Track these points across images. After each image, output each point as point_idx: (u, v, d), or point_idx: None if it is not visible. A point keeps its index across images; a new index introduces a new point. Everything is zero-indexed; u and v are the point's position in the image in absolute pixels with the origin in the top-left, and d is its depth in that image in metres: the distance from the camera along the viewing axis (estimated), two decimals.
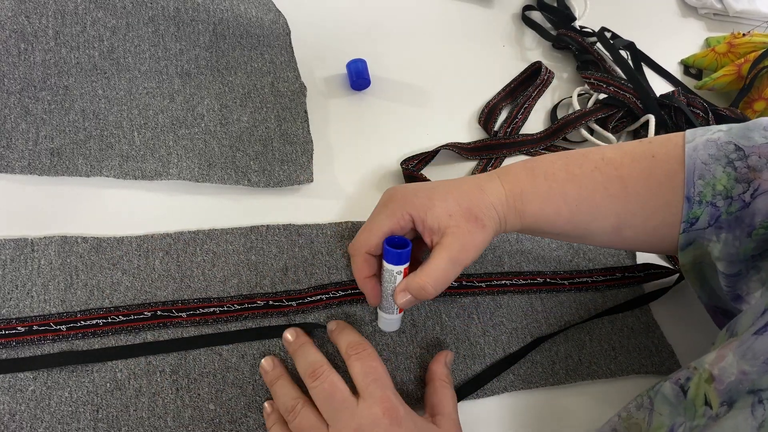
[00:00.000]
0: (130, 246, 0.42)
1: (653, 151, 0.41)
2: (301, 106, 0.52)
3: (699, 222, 0.40)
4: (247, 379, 0.40)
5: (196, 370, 0.40)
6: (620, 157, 0.42)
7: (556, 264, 0.52)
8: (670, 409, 0.35)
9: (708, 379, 0.32)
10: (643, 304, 0.51)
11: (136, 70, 0.49)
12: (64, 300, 0.39)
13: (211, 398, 0.39)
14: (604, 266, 0.53)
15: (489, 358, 0.45)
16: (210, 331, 0.41)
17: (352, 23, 0.61)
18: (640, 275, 0.53)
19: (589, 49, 0.66)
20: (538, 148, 0.59)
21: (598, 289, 0.52)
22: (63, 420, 0.36)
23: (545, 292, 0.50)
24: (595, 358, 0.48)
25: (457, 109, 0.60)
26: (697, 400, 0.33)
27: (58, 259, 0.40)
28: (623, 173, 0.41)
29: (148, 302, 0.41)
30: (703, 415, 0.32)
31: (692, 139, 0.41)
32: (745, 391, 0.30)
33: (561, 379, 0.46)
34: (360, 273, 0.42)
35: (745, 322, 0.34)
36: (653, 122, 0.59)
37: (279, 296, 0.43)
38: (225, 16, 0.52)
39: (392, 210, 0.40)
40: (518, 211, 0.41)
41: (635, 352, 0.49)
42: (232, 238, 0.45)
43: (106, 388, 0.38)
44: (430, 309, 0.46)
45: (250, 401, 0.39)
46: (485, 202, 0.40)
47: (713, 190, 0.39)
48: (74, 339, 0.38)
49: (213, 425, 0.38)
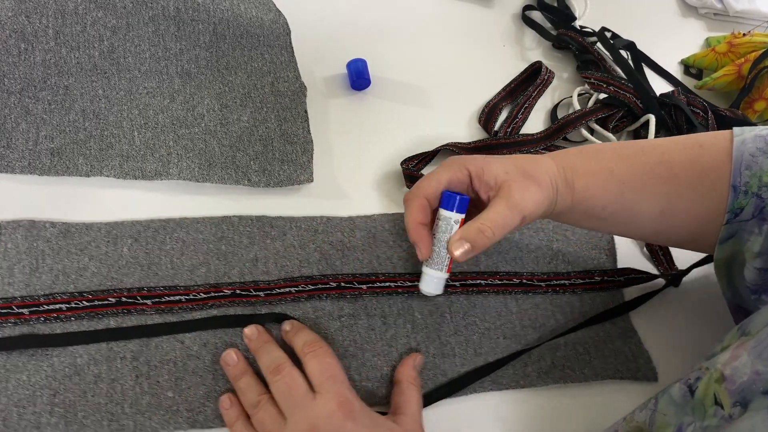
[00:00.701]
0: (99, 232, 0.42)
1: (701, 141, 0.42)
2: (301, 106, 0.52)
3: (743, 213, 0.40)
4: (207, 368, 0.40)
5: (157, 357, 0.39)
6: (668, 144, 0.43)
7: (534, 265, 0.51)
8: (676, 410, 0.34)
9: (719, 379, 0.32)
10: (627, 311, 0.50)
11: (136, 70, 0.49)
12: (29, 284, 0.39)
13: (170, 386, 0.39)
14: (583, 269, 0.52)
15: (459, 357, 0.45)
16: (174, 319, 0.41)
17: (352, 23, 0.61)
18: (620, 280, 0.52)
19: (590, 49, 0.66)
20: (538, 148, 0.59)
21: (576, 292, 0.50)
22: (19, 403, 0.36)
23: (521, 293, 0.49)
24: (569, 362, 0.46)
25: (457, 109, 0.60)
26: (706, 399, 0.32)
27: (25, 242, 0.40)
28: (671, 158, 0.42)
29: (113, 288, 0.41)
30: (714, 416, 0.31)
31: (741, 134, 0.41)
32: (759, 391, 0.29)
33: (532, 381, 0.45)
34: (414, 217, 0.40)
35: (759, 321, 0.34)
36: (653, 122, 0.59)
37: (247, 286, 0.43)
38: (225, 16, 0.52)
39: (449, 164, 0.41)
40: (569, 182, 0.42)
41: (611, 357, 0.48)
42: (202, 227, 0.45)
43: (64, 373, 0.38)
44: (402, 306, 0.45)
45: (209, 390, 0.39)
46: (541, 168, 0.41)
47: (759, 181, 0.39)
48: (36, 323, 0.38)
49: (170, 413, 0.38)
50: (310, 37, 0.58)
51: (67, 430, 0.36)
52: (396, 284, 0.46)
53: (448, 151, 0.55)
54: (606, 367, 0.47)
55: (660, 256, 0.54)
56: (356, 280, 0.45)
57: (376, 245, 0.48)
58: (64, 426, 0.36)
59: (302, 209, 0.48)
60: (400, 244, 0.48)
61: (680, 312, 0.52)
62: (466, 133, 0.58)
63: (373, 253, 0.47)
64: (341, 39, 0.60)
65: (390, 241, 0.48)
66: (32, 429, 0.36)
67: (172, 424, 0.38)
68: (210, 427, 0.38)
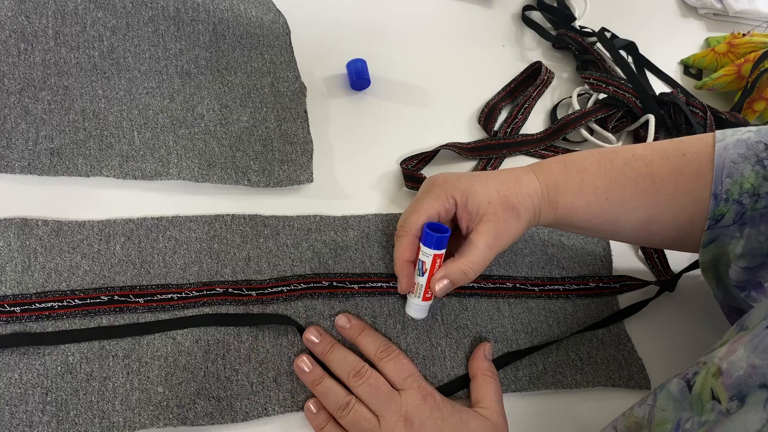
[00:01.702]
0: (91, 230, 0.42)
1: (683, 149, 0.42)
2: (301, 106, 0.52)
3: (724, 219, 0.40)
4: (199, 365, 0.40)
5: (148, 354, 0.39)
6: (651, 154, 0.43)
7: (528, 270, 0.51)
8: (674, 405, 0.34)
9: (715, 373, 0.32)
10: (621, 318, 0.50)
11: (136, 70, 0.49)
12: (20, 282, 0.39)
13: (160, 381, 0.39)
14: (578, 275, 0.52)
15: (450, 360, 0.44)
16: (167, 317, 0.41)
17: (352, 23, 0.61)
18: (615, 286, 0.52)
19: (589, 49, 0.66)
20: (538, 148, 0.59)
21: (569, 298, 0.50)
22: (11, 402, 0.36)
23: (513, 297, 0.49)
24: (561, 368, 0.46)
25: (457, 109, 0.60)
26: (703, 394, 0.32)
27: (17, 241, 0.40)
28: (653, 169, 0.42)
29: (105, 287, 0.41)
30: (711, 410, 0.31)
31: (722, 139, 0.41)
32: (756, 385, 0.29)
33: (524, 386, 0.45)
34: (403, 256, 0.42)
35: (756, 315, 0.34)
36: (653, 122, 0.59)
37: (239, 285, 0.43)
38: (225, 16, 0.52)
39: (437, 193, 0.42)
40: (552, 202, 0.43)
41: (603, 364, 0.47)
42: (195, 226, 0.45)
43: (56, 371, 0.38)
44: (394, 307, 0.45)
45: (200, 387, 0.39)
46: (522, 192, 0.42)
47: (740, 188, 0.39)
48: (28, 321, 0.38)
49: (160, 408, 0.38)
50: (310, 37, 0.58)
51: (59, 428, 0.36)
52: (388, 285, 0.46)
53: (448, 151, 0.55)
54: (598, 374, 0.47)
55: (654, 259, 0.54)
56: (348, 280, 0.45)
57: (369, 245, 0.48)
58: (56, 424, 0.36)
59: (302, 209, 0.48)
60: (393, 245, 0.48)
61: (674, 318, 0.52)
62: (465, 133, 0.58)
63: (365, 253, 0.47)
64: (341, 39, 0.60)
65: (383, 241, 0.48)
66: (24, 428, 0.36)
67: (162, 420, 0.38)
68: (200, 424, 0.38)
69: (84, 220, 0.42)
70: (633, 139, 0.64)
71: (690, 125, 0.60)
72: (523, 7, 0.71)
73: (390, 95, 0.58)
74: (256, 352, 0.41)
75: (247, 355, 0.41)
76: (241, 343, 0.41)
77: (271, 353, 0.41)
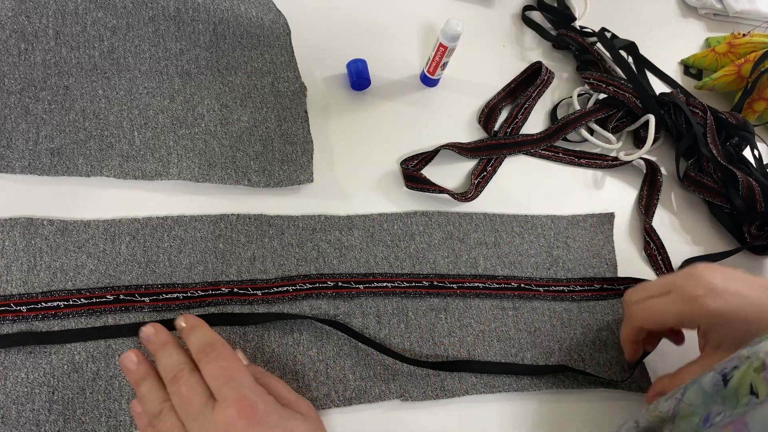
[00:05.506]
0: (96, 230, 0.42)
1: None
2: (301, 106, 0.52)
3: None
4: None
5: None
6: None
7: (533, 270, 0.51)
8: (704, 399, 0.33)
9: (758, 368, 0.31)
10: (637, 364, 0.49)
11: (136, 70, 0.49)
12: (26, 281, 0.39)
13: None
14: (583, 276, 0.52)
15: (452, 359, 0.44)
16: (171, 316, 0.41)
17: (352, 23, 0.61)
18: (620, 288, 0.52)
19: (589, 49, 0.66)
20: (538, 148, 0.59)
21: (574, 299, 0.50)
22: (18, 400, 0.36)
23: (518, 298, 0.49)
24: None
25: (457, 109, 0.60)
26: (740, 389, 0.31)
27: (23, 240, 0.41)
28: None
29: (111, 286, 0.41)
30: (746, 405, 0.30)
31: None
32: None
33: (525, 386, 0.45)
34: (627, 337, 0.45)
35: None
36: (653, 122, 0.59)
37: (244, 284, 0.43)
38: (225, 16, 0.52)
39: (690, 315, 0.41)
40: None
41: (606, 366, 0.48)
42: (200, 225, 0.45)
43: (63, 370, 0.38)
44: (397, 306, 0.45)
45: None
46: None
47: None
48: (34, 320, 0.39)
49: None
50: (310, 37, 0.58)
51: (65, 427, 0.36)
52: (393, 285, 0.46)
53: (448, 151, 0.55)
54: (599, 375, 0.47)
55: (658, 261, 0.54)
56: (353, 280, 0.45)
57: (374, 245, 0.48)
58: (63, 423, 0.36)
59: (302, 209, 0.48)
60: (398, 244, 0.48)
61: None
62: (465, 133, 0.58)
63: (370, 252, 0.47)
64: (341, 39, 0.60)
65: (388, 240, 0.48)
66: (31, 426, 0.36)
67: None
68: None
69: (89, 220, 0.42)
70: (633, 139, 0.64)
71: (690, 125, 0.60)
72: (523, 7, 0.71)
73: (390, 95, 0.58)
74: (262, 352, 0.41)
75: (252, 354, 0.41)
76: (247, 343, 0.41)
77: (276, 353, 0.42)
